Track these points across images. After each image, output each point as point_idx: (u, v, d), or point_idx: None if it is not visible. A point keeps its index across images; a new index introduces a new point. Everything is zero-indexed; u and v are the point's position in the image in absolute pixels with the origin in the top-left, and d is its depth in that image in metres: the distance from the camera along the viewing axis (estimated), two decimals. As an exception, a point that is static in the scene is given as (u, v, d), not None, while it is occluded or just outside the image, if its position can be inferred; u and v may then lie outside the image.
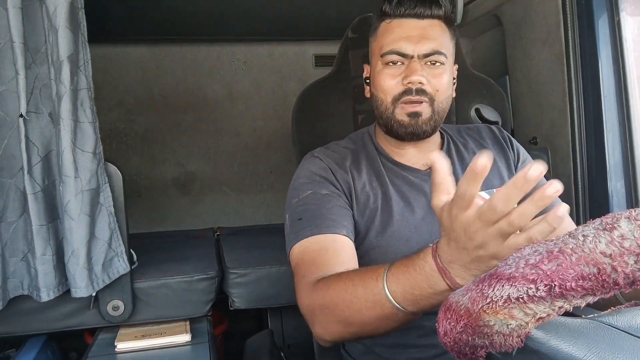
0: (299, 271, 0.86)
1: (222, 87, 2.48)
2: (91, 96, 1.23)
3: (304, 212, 0.92)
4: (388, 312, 0.65)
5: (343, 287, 0.72)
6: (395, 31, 0.95)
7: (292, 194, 0.98)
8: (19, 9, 1.14)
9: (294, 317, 1.79)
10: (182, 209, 2.46)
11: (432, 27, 0.95)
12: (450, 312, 0.42)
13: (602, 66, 1.34)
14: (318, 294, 0.76)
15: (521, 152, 1.10)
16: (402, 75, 0.94)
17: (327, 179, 0.97)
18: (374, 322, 0.68)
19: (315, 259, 0.85)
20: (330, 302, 0.73)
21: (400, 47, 0.94)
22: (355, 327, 0.71)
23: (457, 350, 0.44)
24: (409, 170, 1.02)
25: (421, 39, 0.93)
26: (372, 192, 0.98)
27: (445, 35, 0.97)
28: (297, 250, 0.89)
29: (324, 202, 0.93)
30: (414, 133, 0.96)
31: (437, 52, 0.94)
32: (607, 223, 0.39)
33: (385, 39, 0.96)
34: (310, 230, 0.89)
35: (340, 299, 0.71)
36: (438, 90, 0.95)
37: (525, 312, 0.39)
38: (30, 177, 1.19)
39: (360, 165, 1.01)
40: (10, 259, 1.24)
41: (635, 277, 0.37)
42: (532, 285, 0.38)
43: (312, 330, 0.79)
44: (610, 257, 0.36)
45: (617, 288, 0.37)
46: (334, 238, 0.88)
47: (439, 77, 0.95)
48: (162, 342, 1.36)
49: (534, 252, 0.41)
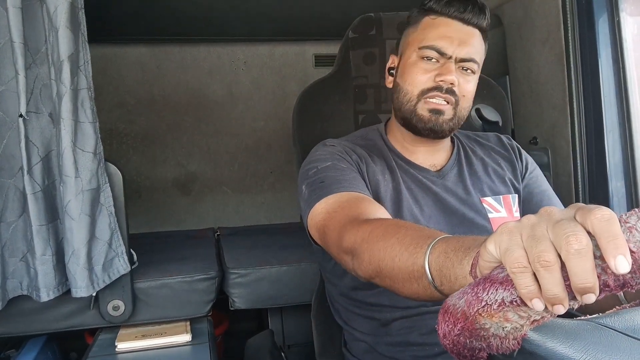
0: (336, 215, 0.81)
1: (222, 87, 2.48)
2: (91, 96, 1.23)
3: (325, 178, 0.89)
4: (419, 279, 0.59)
5: (387, 234, 0.67)
6: (439, 28, 0.95)
7: (308, 168, 0.95)
8: (19, 9, 1.14)
9: (295, 317, 1.80)
10: (182, 209, 2.47)
11: (474, 34, 0.96)
12: (448, 314, 0.42)
13: (602, 66, 1.34)
14: (361, 230, 0.72)
15: (530, 162, 1.10)
16: (436, 72, 0.94)
17: (345, 158, 0.96)
18: (405, 280, 0.62)
19: (352, 204, 0.81)
20: (372, 240, 0.68)
21: (442, 45, 0.94)
22: (387, 276, 0.66)
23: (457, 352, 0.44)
24: (418, 169, 1.02)
25: (462, 42, 0.94)
26: (383, 182, 0.98)
27: (482, 47, 0.98)
28: (324, 205, 0.85)
29: (346, 172, 0.92)
30: (432, 129, 0.96)
31: (473, 60, 0.95)
32: None
33: (428, 34, 0.96)
34: (337, 187, 0.86)
35: (381, 242, 0.67)
36: (465, 95, 0.96)
37: (520, 314, 0.39)
38: (30, 177, 1.19)
39: (373, 155, 1.01)
40: (9, 259, 1.24)
41: (625, 280, 0.37)
42: None
43: (348, 264, 0.75)
44: (600, 259, 0.37)
45: (607, 290, 0.37)
46: (363, 195, 0.86)
47: (467, 84, 0.96)
48: (162, 342, 1.36)
49: None
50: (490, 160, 1.08)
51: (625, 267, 0.36)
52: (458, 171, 1.04)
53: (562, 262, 0.38)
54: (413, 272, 0.59)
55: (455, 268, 0.52)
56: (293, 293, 1.58)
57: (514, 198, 1.04)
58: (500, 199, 1.02)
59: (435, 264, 0.56)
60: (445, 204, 0.99)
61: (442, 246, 0.56)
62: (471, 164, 1.05)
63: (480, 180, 1.04)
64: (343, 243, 0.75)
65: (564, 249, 0.38)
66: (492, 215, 1.00)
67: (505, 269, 0.40)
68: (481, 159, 1.07)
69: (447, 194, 1.00)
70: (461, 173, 1.04)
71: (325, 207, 0.84)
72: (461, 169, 1.04)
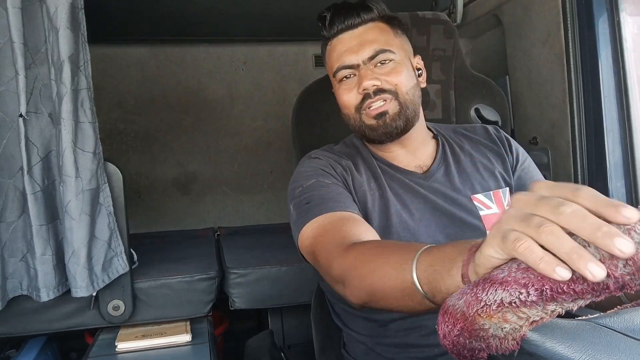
0: (322, 240, 0.82)
1: (222, 87, 2.48)
2: (91, 96, 1.23)
3: (311, 198, 0.90)
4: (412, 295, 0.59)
5: (374, 255, 0.68)
6: (336, 49, 0.99)
7: (294, 186, 0.97)
8: (19, 9, 1.14)
9: (295, 318, 1.80)
10: (182, 209, 2.46)
11: (368, 31, 0.97)
12: (448, 315, 0.43)
13: (602, 66, 1.34)
14: (348, 256, 0.73)
15: (520, 153, 1.09)
16: (357, 86, 0.96)
17: (329, 172, 0.97)
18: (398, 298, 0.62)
19: (336, 227, 0.82)
20: (360, 266, 0.69)
21: (345, 60, 0.97)
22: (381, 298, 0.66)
23: (457, 352, 0.44)
24: (404, 172, 1.02)
25: (361, 45, 0.96)
26: (369, 192, 0.98)
27: (386, 33, 0.98)
28: (310, 228, 0.86)
29: (331, 189, 0.92)
30: (385, 132, 0.97)
31: (382, 51, 0.96)
32: None
33: (332, 59, 1.00)
34: (321, 209, 0.87)
35: (369, 265, 0.67)
36: (397, 84, 0.96)
37: (519, 315, 0.39)
38: (30, 177, 1.19)
39: (358, 165, 1.02)
40: (9, 259, 1.24)
41: (625, 281, 0.37)
42: (523, 289, 0.38)
43: (340, 291, 0.75)
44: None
45: (607, 292, 0.37)
46: (348, 214, 0.86)
47: (393, 72, 0.96)
48: (162, 342, 1.36)
49: None
50: (478, 154, 1.07)
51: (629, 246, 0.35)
52: (445, 170, 1.03)
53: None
54: (405, 290, 0.59)
55: (445, 280, 0.52)
56: (293, 293, 1.58)
57: (505, 192, 1.03)
58: (490, 195, 1.01)
59: (424, 277, 0.56)
60: (434, 206, 0.98)
61: (427, 259, 0.56)
62: (459, 161, 1.05)
63: (470, 177, 1.03)
64: (332, 272, 0.75)
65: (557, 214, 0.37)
66: (483, 212, 0.99)
67: (505, 269, 0.40)
68: (469, 154, 1.06)
69: (435, 196, 0.99)
70: (448, 172, 1.03)
71: (312, 231, 0.85)
72: (448, 167, 1.03)
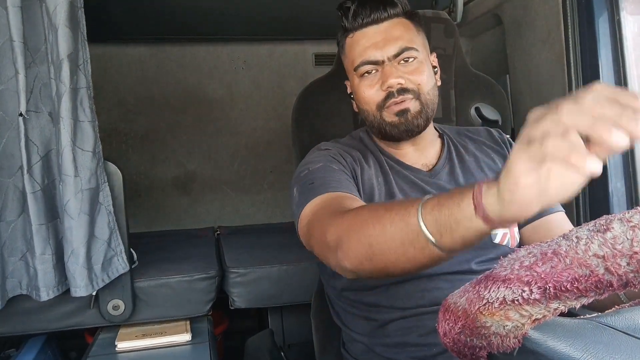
0: (319, 214, 0.81)
1: (222, 87, 2.48)
2: (90, 95, 1.23)
3: (315, 179, 0.89)
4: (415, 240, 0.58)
5: (373, 210, 0.67)
6: (360, 43, 0.97)
7: (300, 170, 0.95)
8: (19, 8, 1.14)
9: (295, 317, 1.79)
10: (182, 209, 2.46)
11: (393, 27, 0.96)
12: (449, 313, 0.42)
13: (602, 66, 1.33)
14: (345, 217, 0.71)
15: None
16: (380, 82, 0.95)
17: (339, 160, 0.97)
18: (399, 247, 0.61)
19: (335, 203, 0.81)
20: (358, 223, 0.67)
21: (369, 55, 0.95)
22: (379, 253, 0.63)
23: (457, 350, 0.44)
24: (410, 169, 1.02)
25: (386, 41, 0.95)
26: (377, 187, 0.98)
27: (410, 30, 0.98)
28: (310, 206, 0.84)
29: (337, 174, 0.92)
30: (407, 130, 0.97)
31: (406, 49, 0.95)
32: (601, 225, 0.39)
33: (354, 53, 0.98)
34: (324, 189, 0.86)
35: (368, 219, 0.66)
36: (419, 83, 0.96)
37: (521, 313, 0.39)
38: (30, 176, 1.19)
39: (367, 158, 1.02)
40: (8, 258, 1.24)
41: (628, 279, 0.37)
42: (526, 287, 0.38)
43: (332, 260, 0.72)
44: (604, 258, 0.36)
45: (610, 289, 0.37)
46: (349, 195, 0.86)
47: (416, 71, 0.96)
48: (162, 341, 1.36)
49: (529, 255, 0.41)
50: (482, 155, 1.07)
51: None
52: (450, 169, 1.04)
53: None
54: (407, 234, 0.58)
55: (455, 213, 0.51)
56: (293, 292, 1.58)
57: None
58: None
59: (431, 216, 0.55)
60: None
61: (434, 200, 0.56)
62: (463, 161, 1.05)
63: (474, 176, 1.03)
64: (327, 237, 0.73)
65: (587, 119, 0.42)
66: None
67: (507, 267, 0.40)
68: (473, 154, 1.07)
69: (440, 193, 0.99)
70: (453, 171, 1.03)
71: (311, 209, 0.84)
72: (453, 166, 1.04)
